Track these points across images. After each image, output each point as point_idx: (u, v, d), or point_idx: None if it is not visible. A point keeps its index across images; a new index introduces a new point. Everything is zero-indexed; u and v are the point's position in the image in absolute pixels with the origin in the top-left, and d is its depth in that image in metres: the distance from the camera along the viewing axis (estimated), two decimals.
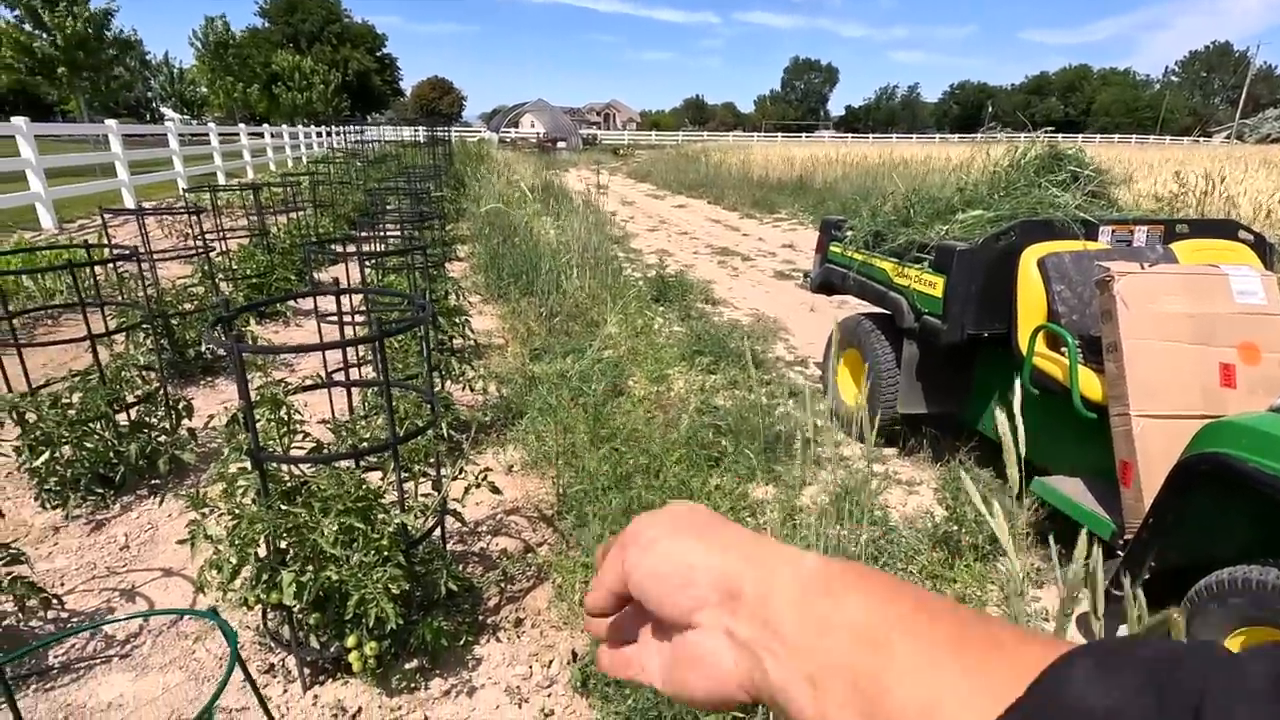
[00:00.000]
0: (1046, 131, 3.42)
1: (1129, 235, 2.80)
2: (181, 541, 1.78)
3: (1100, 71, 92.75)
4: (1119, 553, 2.06)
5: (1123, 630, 1.54)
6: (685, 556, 0.35)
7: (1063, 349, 2.40)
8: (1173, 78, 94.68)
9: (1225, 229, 2.90)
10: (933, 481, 3.13)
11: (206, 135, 13.98)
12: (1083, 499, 2.30)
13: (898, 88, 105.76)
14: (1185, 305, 2.12)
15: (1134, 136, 56.12)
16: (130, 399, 2.85)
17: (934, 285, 2.85)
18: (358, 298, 3.53)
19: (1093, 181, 3.07)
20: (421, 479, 2.14)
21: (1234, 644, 1.75)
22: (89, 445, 2.66)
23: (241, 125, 17.65)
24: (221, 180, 12.78)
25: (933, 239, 2.93)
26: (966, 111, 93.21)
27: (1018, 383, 1.59)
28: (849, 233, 3.56)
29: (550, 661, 2.01)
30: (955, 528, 2.54)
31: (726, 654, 0.33)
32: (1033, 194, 2.99)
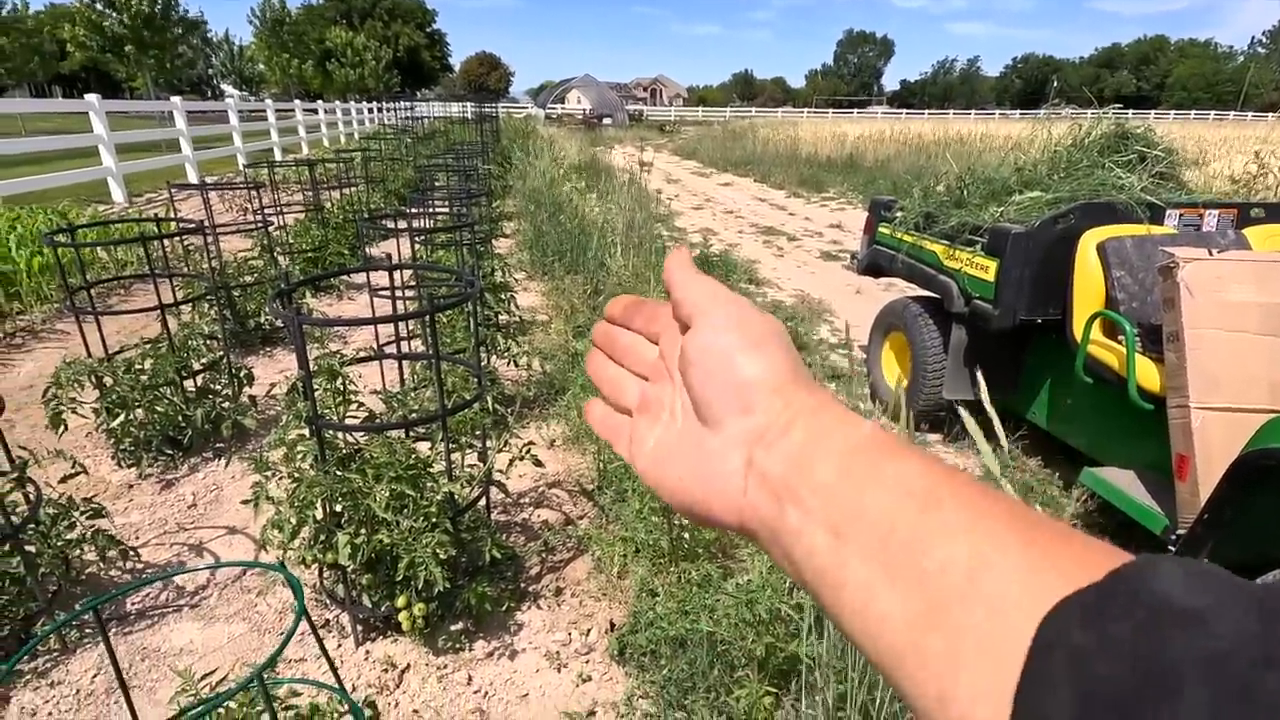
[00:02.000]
0: (1115, 107, 3.25)
1: (1198, 219, 2.67)
2: (245, 502, 1.89)
3: (1178, 43, 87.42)
4: (1170, 549, 2.01)
5: None
6: (751, 377, 0.34)
7: (1120, 337, 2.33)
8: (1259, 49, 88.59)
9: None
10: (977, 469, 3.08)
11: (264, 111, 14.37)
12: (1134, 491, 2.24)
13: (956, 61, 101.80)
14: (1256, 294, 2.02)
15: (1212, 112, 52.82)
16: (196, 366, 3.00)
17: (986, 269, 2.77)
18: (407, 272, 3.63)
19: (1161, 162, 2.93)
20: (468, 450, 2.21)
21: None
22: (159, 409, 2.82)
23: (297, 101, 18.06)
24: (278, 155, 13.16)
25: (986, 221, 2.85)
26: (1030, 86, 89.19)
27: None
28: (899, 213, 3.48)
29: (589, 630, 2.07)
30: None
31: (737, 477, 0.33)
32: (1095, 175, 2.87)
